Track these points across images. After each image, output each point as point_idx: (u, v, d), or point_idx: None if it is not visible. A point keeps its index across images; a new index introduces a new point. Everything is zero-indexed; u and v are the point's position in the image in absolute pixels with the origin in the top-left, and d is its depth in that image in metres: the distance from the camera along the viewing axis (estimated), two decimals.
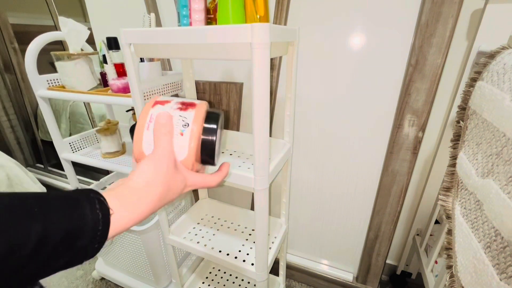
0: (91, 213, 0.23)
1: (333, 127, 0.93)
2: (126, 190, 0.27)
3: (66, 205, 0.22)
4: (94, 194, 0.24)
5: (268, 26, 0.46)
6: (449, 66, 0.75)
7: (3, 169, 1.22)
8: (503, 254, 0.36)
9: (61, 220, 0.21)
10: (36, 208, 0.20)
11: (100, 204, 0.24)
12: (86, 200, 0.23)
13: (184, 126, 0.33)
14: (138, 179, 0.28)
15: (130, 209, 0.26)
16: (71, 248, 0.22)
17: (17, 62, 1.76)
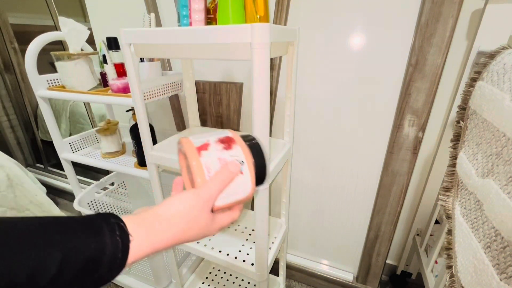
0: (111, 241, 0.22)
1: (333, 127, 0.93)
2: (151, 216, 0.26)
3: (87, 231, 0.22)
4: (115, 219, 0.24)
5: (268, 26, 0.46)
6: (449, 66, 0.75)
7: (3, 169, 1.22)
8: (503, 254, 0.36)
9: (81, 249, 0.21)
10: (56, 235, 0.20)
11: (120, 230, 0.23)
12: (106, 226, 0.23)
13: (240, 164, 0.33)
14: (169, 208, 0.27)
15: (154, 238, 0.25)
16: (89, 277, 0.21)
17: (17, 62, 1.76)
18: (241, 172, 0.32)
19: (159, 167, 0.78)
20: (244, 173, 0.33)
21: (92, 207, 1.13)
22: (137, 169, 0.90)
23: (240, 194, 0.33)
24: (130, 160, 0.98)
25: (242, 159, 0.33)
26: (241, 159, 0.33)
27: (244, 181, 0.33)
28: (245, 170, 0.33)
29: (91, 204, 1.12)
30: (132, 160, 0.98)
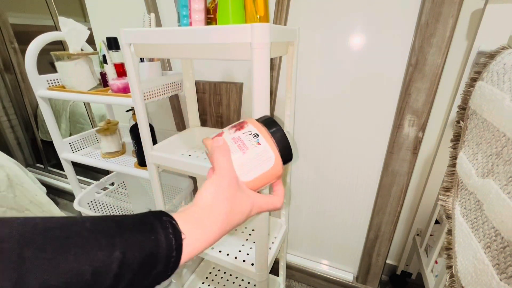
0: (165, 239, 0.22)
1: (333, 127, 0.93)
2: (193, 211, 0.26)
3: (142, 230, 0.22)
4: (167, 217, 0.24)
5: (268, 26, 0.46)
6: (449, 66, 0.75)
7: (3, 169, 1.22)
8: (503, 254, 0.36)
9: (138, 248, 0.21)
10: (116, 234, 0.21)
11: (173, 228, 0.23)
12: (159, 224, 0.23)
13: (255, 137, 0.33)
14: (202, 199, 0.27)
15: (200, 230, 0.25)
16: (147, 275, 0.22)
17: (17, 62, 1.76)
18: (259, 143, 0.33)
19: (159, 167, 0.78)
20: (261, 143, 0.33)
21: (92, 207, 1.13)
22: (137, 169, 0.90)
23: (266, 165, 0.33)
24: (130, 160, 0.98)
25: (255, 132, 0.34)
26: (254, 132, 0.34)
27: (264, 151, 0.33)
28: (263, 141, 0.33)
29: (91, 204, 1.12)
30: (132, 160, 0.98)
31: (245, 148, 0.33)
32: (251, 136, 0.33)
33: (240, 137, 0.33)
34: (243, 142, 0.33)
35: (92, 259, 0.19)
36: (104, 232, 0.20)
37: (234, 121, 1.09)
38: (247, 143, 0.33)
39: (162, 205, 0.84)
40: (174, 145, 0.83)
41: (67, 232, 0.19)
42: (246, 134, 0.33)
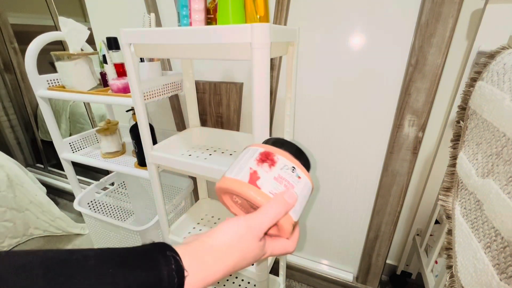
0: (167, 277, 0.22)
1: (333, 127, 0.93)
2: (203, 249, 0.25)
3: (145, 265, 0.22)
4: (170, 252, 0.23)
5: (268, 26, 0.46)
6: (449, 66, 0.75)
7: (3, 169, 1.22)
8: (503, 254, 0.36)
9: (140, 284, 0.21)
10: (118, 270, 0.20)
11: (176, 265, 0.23)
12: (163, 259, 0.23)
13: (293, 171, 0.31)
14: (220, 238, 0.26)
15: (206, 272, 0.24)
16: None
17: (17, 62, 1.76)
18: (299, 177, 0.31)
19: (159, 167, 0.78)
20: (301, 176, 0.32)
21: (92, 207, 1.13)
22: (137, 169, 0.90)
23: (308, 196, 0.32)
24: (130, 160, 0.98)
25: (291, 165, 0.32)
26: (291, 166, 0.32)
27: (305, 183, 0.32)
28: (300, 173, 0.32)
29: (91, 204, 1.12)
30: (132, 160, 0.98)
31: (291, 186, 0.30)
32: (290, 171, 0.31)
33: (281, 175, 0.30)
34: (287, 180, 0.30)
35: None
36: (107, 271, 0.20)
37: (234, 121, 1.09)
38: (291, 180, 0.31)
39: (162, 205, 0.84)
40: (174, 145, 0.83)
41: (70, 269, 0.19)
42: (285, 170, 0.31)
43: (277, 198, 0.28)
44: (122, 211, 1.31)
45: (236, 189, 0.30)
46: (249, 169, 0.31)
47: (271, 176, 0.30)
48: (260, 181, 0.30)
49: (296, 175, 0.31)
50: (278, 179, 0.30)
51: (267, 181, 0.30)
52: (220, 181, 0.32)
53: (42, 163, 2.01)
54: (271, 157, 0.31)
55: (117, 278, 0.20)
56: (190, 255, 0.24)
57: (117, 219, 1.29)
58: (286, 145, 0.33)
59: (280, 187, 0.30)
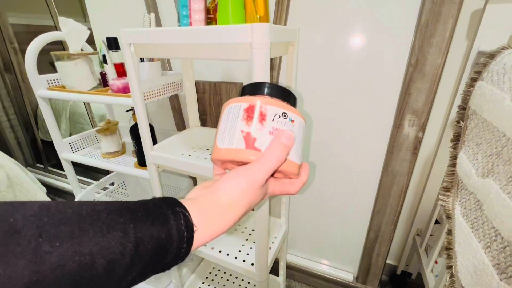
0: (177, 232, 0.23)
1: (333, 127, 0.93)
2: (210, 206, 0.26)
3: (155, 220, 0.22)
4: (180, 208, 0.24)
5: (268, 26, 0.46)
6: (449, 66, 0.75)
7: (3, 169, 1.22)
8: (503, 254, 0.36)
9: (151, 238, 0.21)
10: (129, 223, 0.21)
11: (185, 220, 0.23)
12: (173, 216, 0.23)
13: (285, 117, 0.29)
14: (224, 196, 0.26)
15: (212, 227, 0.25)
16: (157, 265, 0.22)
17: (17, 62, 1.76)
18: (293, 121, 0.29)
19: (159, 167, 0.78)
20: (294, 119, 0.29)
21: None
22: (137, 169, 0.90)
23: (304, 134, 0.31)
24: (130, 160, 0.98)
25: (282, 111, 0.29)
26: (282, 112, 0.29)
27: (299, 123, 0.30)
28: (292, 116, 0.29)
29: None
30: (132, 160, 0.98)
31: None
32: (283, 119, 0.28)
33: (275, 126, 0.28)
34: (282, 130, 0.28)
35: (107, 248, 0.19)
36: (118, 221, 0.20)
37: None
38: (287, 128, 0.28)
39: None
40: (174, 145, 0.83)
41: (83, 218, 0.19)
42: (277, 120, 0.28)
43: (275, 143, 0.28)
44: None
45: (236, 158, 0.28)
46: (241, 132, 0.28)
47: (265, 132, 0.28)
48: (257, 142, 0.28)
49: (289, 119, 0.29)
50: (274, 132, 0.28)
51: (264, 138, 0.28)
52: (214, 153, 0.30)
53: (42, 163, 2.01)
54: (255, 109, 0.28)
55: (129, 232, 0.20)
56: (198, 211, 0.25)
57: None
58: (266, 88, 0.30)
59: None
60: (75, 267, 0.17)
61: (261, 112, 0.28)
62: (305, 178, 0.32)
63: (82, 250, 0.18)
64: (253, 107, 0.28)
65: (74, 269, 0.17)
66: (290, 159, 0.29)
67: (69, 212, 0.19)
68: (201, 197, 0.26)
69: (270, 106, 0.28)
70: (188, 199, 0.26)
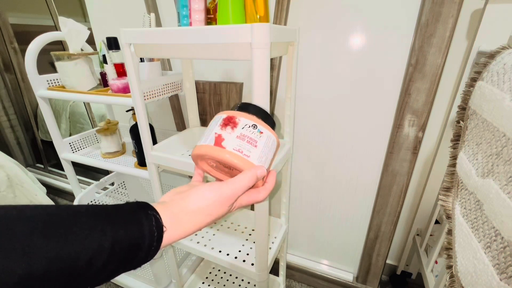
0: (149, 232, 0.26)
1: (333, 127, 0.93)
2: (180, 210, 0.29)
3: (130, 222, 0.25)
4: (151, 211, 0.27)
5: (268, 26, 0.46)
6: (449, 66, 0.75)
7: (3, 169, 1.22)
8: (503, 254, 0.36)
9: (125, 237, 0.24)
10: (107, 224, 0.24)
11: (156, 222, 0.26)
12: (145, 217, 0.26)
13: (254, 128, 0.35)
14: (193, 204, 0.29)
15: (180, 228, 0.28)
16: (129, 261, 0.25)
17: (17, 62, 1.76)
18: (261, 132, 0.35)
19: (159, 167, 0.78)
20: (263, 131, 0.35)
21: None
22: (137, 169, 0.90)
23: (273, 147, 0.36)
24: (130, 160, 0.98)
25: (252, 123, 0.35)
26: (252, 124, 0.35)
27: (268, 136, 0.35)
28: (262, 128, 0.35)
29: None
30: (132, 160, 0.98)
31: (254, 141, 0.34)
32: (251, 129, 0.34)
33: (243, 133, 0.34)
34: (249, 137, 0.34)
35: (88, 246, 0.22)
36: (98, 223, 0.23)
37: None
38: (253, 136, 0.34)
39: None
40: (174, 145, 0.83)
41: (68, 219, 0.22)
42: (246, 129, 0.34)
43: (249, 172, 0.32)
44: None
45: (205, 152, 0.33)
46: (214, 134, 0.34)
47: (233, 136, 0.33)
48: (224, 142, 0.33)
49: (258, 131, 0.34)
50: (241, 137, 0.33)
51: (230, 140, 0.33)
52: (193, 150, 0.35)
53: (42, 163, 2.01)
54: (233, 120, 0.35)
55: (106, 232, 0.23)
56: (168, 214, 0.28)
57: None
58: (248, 108, 0.37)
59: (243, 143, 0.33)
60: (63, 261, 0.20)
61: (235, 121, 0.35)
62: (271, 185, 0.36)
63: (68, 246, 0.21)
64: (230, 117, 0.35)
65: (62, 263, 0.20)
66: None
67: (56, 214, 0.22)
68: (172, 202, 0.29)
69: (243, 118, 0.35)
70: (160, 202, 0.30)
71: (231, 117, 0.35)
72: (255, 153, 0.33)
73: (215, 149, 0.33)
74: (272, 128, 0.36)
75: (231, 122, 0.35)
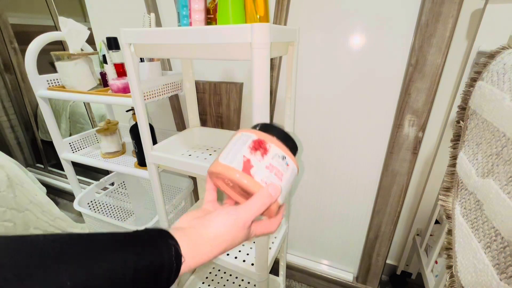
0: (168, 262, 0.26)
1: (333, 127, 0.93)
2: (197, 238, 0.28)
3: (150, 251, 0.25)
4: (172, 241, 0.27)
5: (268, 26, 0.46)
6: (449, 66, 0.75)
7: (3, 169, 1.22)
8: (503, 254, 0.36)
9: (146, 266, 0.24)
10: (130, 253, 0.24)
11: (176, 253, 0.26)
12: (166, 249, 0.26)
13: (283, 159, 0.33)
14: (212, 230, 0.29)
15: (196, 257, 0.28)
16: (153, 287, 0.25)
17: (17, 62, 1.76)
18: (288, 165, 0.33)
19: (159, 167, 0.78)
20: (289, 164, 0.34)
21: (92, 207, 1.13)
22: (137, 169, 0.90)
23: (293, 181, 0.35)
24: (130, 160, 0.98)
25: (282, 154, 0.33)
26: (282, 155, 0.33)
27: (293, 170, 0.34)
28: (289, 161, 0.34)
29: (91, 204, 1.12)
30: (132, 160, 0.98)
31: (280, 174, 0.32)
32: (280, 160, 0.33)
33: (272, 164, 0.32)
34: (278, 169, 0.32)
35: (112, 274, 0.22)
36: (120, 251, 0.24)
37: (234, 121, 1.09)
38: (281, 169, 0.32)
39: (162, 205, 0.84)
40: (174, 145, 0.83)
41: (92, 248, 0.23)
42: (276, 159, 0.32)
43: (263, 192, 0.31)
44: (122, 211, 1.31)
45: (231, 176, 0.31)
46: (243, 157, 0.32)
47: (263, 165, 0.32)
48: (253, 169, 0.31)
49: (286, 163, 0.33)
50: (270, 168, 0.32)
51: (260, 169, 0.31)
52: (213, 166, 0.33)
53: (42, 163, 2.01)
54: (264, 146, 0.33)
55: (129, 261, 0.23)
56: (187, 243, 0.28)
57: (117, 219, 1.29)
58: (276, 131, 0.35)
59: (271, 175, 0.32)
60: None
61: (266, 148, 0.32)
62: (281, 217, 0.36)
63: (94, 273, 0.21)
64: (261, 141, 0.33)
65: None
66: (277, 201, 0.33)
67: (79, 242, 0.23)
68: (191, 229, 0.29)
69: (275, 146, 0.33)
70: (179, 228, 0.29)
71: (261, 142, 0.33)
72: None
73: (244, 176, 0.31)
74: (294, 154, 0.35)
75: (262, 147, 0.33)
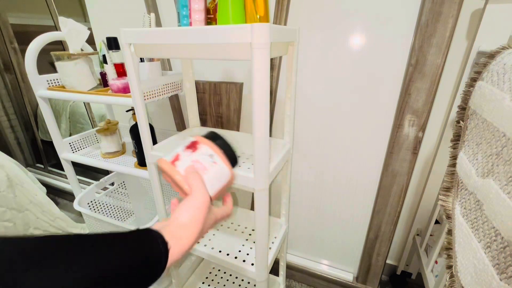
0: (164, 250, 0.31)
1: (333, 127, 0.93)
2: (175, 227, 0.33)
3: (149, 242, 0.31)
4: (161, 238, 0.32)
5: (268, 26, 0.46)
6: (449, 66, 0.75)
7: (3, 169, 1.22)
8: (503, 254, 0.36)
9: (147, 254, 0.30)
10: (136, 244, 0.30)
11: (161, 239, 0.31)
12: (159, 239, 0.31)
13: (211, 157, 0.39)
14: (184, 218, 0.34)
15: (181, 242, 0.33)
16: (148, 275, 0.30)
17: (17, 62, 1.76)
18: (215, 163, 0.39)
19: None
20: (217, 162, 0.39)
21: (92, 207, 1.13)
22: (137, 169, 0.90)
23: (223, 180, 0.40)
24: (130, 160, 0.98)
25: (210, 152, 0.39)
26: (209, 153, 0.39)
27: (221, 168, 0.39)
28: (217, 159, 0.39)
29: (91, 204, 1.12)
30: (132, 160, 0.98)
31: (204, 169, 0.38)
32: (207, 157, 0.38)
33: (198, 158, 0.38)
34: (201, 163, 0.38)
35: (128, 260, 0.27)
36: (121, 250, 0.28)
37: (234, 121, 1.09)
38: (206, 164, 0.38)
39: (162, 205, 0.84)
40: (174, 145, 0.83)
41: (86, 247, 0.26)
42: (202, 156, 0.38)
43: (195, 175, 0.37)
44: (122, 211, 1.31)
45: (159, 164, 0.38)
46: (176, 153, 0.39)
47: (189, 159, 0.38)
48: (178, 161, 0.38)
49: (212, 161, 0.39)
50: (194, 161, 0.38)
51: (185, 162, 0.38)
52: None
53: (42, 163, 2.01)
54: (196, 145, 0.39)
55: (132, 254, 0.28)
56: (168, 233, 0.32)
57: (117, 219, 1.29)
58: (217, 139, 0.41)
59: (196, 166, 0.38)
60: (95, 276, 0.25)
61: (197, 147, 0.39)
62: (231, 202, 0.43)
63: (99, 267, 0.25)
64: (195, 142, 0.40)
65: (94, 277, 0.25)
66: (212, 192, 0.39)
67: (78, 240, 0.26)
68: (166, 225, 0.34)
69: (206, 146, 0.39)
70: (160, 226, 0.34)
71: (195, 142, 0.40)
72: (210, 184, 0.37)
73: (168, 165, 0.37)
74: (232, 163, 0.40)
75: (194, 146, 0.39)
